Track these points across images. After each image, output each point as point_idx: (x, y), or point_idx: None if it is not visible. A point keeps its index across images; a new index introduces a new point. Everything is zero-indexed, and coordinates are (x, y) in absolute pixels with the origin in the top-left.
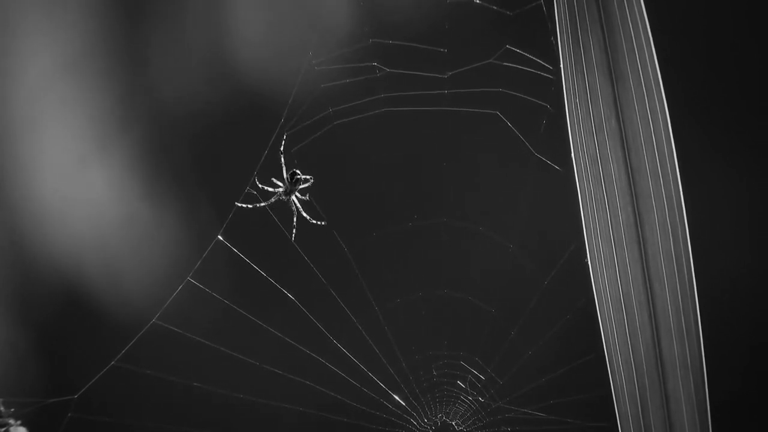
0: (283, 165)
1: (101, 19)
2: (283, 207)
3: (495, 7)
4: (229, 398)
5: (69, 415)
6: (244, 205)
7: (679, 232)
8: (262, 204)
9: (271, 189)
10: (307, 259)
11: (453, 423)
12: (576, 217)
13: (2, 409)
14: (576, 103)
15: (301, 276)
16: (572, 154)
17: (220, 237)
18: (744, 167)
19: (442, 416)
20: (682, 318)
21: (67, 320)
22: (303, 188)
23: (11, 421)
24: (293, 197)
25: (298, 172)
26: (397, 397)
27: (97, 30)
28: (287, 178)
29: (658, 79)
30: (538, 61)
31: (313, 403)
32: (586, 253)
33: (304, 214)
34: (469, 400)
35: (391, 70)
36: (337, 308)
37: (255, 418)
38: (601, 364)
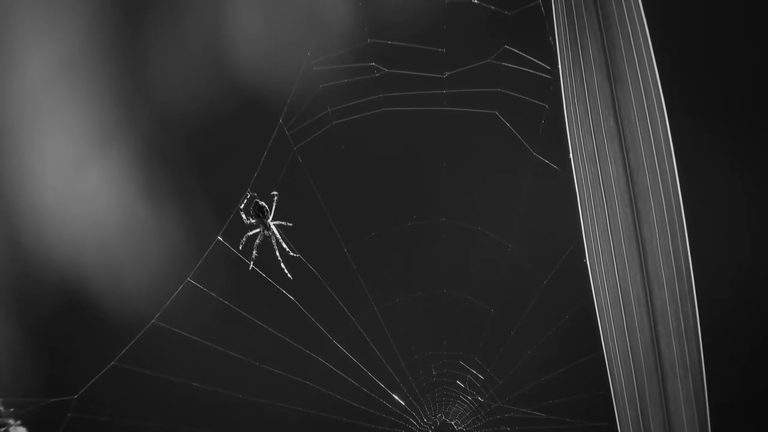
0: (245, 218)
1: (100, 19)
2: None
3: (493, 7)
4: (229, 398)
5: (69, 415)
6: (251, 264)
7: (678, 232)
8: (254, 254)
9: (251, 233)
10: (305, 261)
11: (452, 423)
12: (575, 216)
13: (2, 409)
14: (574, 103)
15: (301, 276)
16: (571, 154)
17: (220, 238)
18: (742, 166)
19: (442, 416)
20: (681, 317)
21: (67, 320)
22: (274, 214)
23: (11, 421)
24: (272, 227)
25: (260, 204)
26: (396, 397)
27: (96, 30)
28: (255, 212)
29: (656, 78)
30: (537, 61)
31: (313, 403)
32: (584, 253)
33: (284, 246)
34: (468, 399)
35: (390, 71)
36: (337, 308)
37: (255, 418)
38: (600, 364)
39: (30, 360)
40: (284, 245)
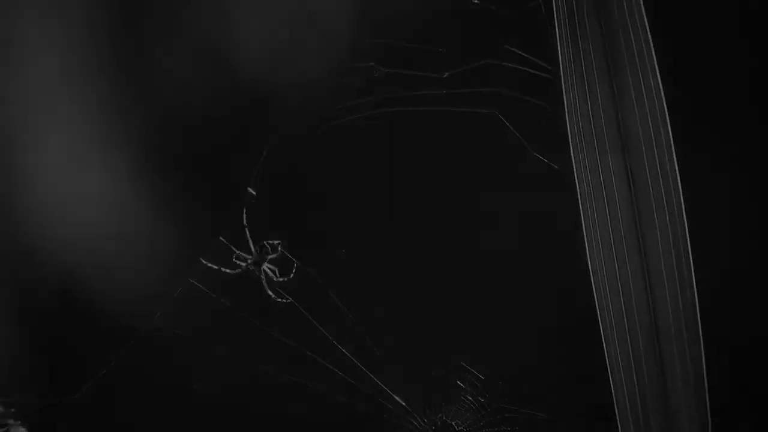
0: (249, 239)
1: (102, 19)
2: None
3: (494, 7)
4: (229, 398)
5: (68, 415)
6: (232, 271)
7: (679, 232)
8: (233, 272)
9: (240, 260)
10: (302, 264)
11: (453, 423)
12: (575, 216)
13: (2, 409)
14: (575, 103)
15: (300, 277)
16: (571, 154)
17: (221, 238)
18: (744, 166)
19: (442, 416)
20: (682, 317)
21: (67, 320)
22: (272, 259)
23: (11, 421)
24: (264, 267)
25: (266, 245)
26: (397, 398)
27: (97, 29)
28: (256, 250)
29: (657, 78)
30: (537, 61)
31: (313, 404)
32: (585, 253)
33: (269, 292)
34: (469, 400)
35: (389, 71)
36: (336, 308)
37: (255, 419)
38: (600, 363)
39: (30, 360)
40: (269, 292)
